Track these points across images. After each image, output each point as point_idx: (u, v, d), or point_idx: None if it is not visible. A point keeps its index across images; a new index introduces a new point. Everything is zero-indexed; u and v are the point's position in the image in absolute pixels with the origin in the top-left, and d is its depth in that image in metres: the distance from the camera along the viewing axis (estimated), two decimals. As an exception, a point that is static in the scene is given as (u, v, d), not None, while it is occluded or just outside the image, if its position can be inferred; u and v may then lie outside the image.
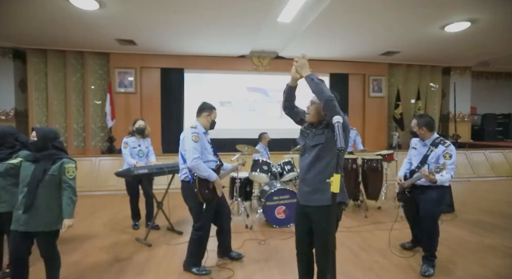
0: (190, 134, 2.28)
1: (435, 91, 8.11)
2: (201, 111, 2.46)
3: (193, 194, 2.28)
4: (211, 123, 2.48)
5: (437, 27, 4.95)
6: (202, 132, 2.37)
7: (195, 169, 2.24)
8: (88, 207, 4.42)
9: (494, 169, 6.74)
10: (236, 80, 7.08)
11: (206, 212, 2.32)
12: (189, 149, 2.24)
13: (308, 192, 1.75)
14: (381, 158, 4.23)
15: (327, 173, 1.65)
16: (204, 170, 2.25)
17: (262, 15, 4.42)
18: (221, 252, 2.68)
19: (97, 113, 6.58)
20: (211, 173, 2.30)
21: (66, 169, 1.84)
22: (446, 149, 2.35)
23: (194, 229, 2.36)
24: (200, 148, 2.28)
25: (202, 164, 2.25)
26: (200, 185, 2.28)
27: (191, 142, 2.25)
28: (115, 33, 5.21)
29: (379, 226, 3.50)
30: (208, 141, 2.45)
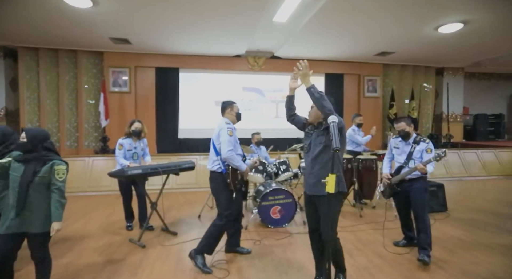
0: (226, 128, 2.47)
1: (428, 92, 8.20)
2: (224, 109, 2.65)
3: (224, 184, 2.46)
4: (237, 116, 2.66)
5: (431, 28, 5.01)
6: (234, 128, 2.57)
7: (229, 159, 2.43)
8: (82, 208, 4.37)
9: (485, 168, 6.85)
10: (232, 80, 7.07)
11: (236, 200, 2.51)
12: (225, 141, 2.43)
13: (314, 183, 2.02)
14: (376, 157, 4.26)
15: (327, 168, 1.86)
16: (237, 161, 2.46)
17: (257, 15, 4.41)
18: (230, 246, 2.74)
19: (91, 113, 6.51)
20: (242, 164, 2.51)
21: (56, 171, 1.81)
22: (427, 145, 2.69)
23: (222, 216, 2.46)
24: (234, 141, 2.48)
25: (235, 155, 2.44)
26: (233, 175, 2.48)
27: (226, 135, 2.44)
28: (109, 31, 5.15)
29: (373, 226, 3.52)
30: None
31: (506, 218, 3.84)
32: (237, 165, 2.47)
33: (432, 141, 2.80)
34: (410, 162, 2.70)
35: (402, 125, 2.77)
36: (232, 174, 2.47)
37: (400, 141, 2.84)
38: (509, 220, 3.77)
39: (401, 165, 2.77)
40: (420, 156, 2.67)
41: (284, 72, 7.16)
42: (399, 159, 2.82)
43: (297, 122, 2.22)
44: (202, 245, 2.45)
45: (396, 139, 2.89)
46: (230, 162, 2.44)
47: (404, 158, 2.76)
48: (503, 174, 6.83)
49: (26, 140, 1.79)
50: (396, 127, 2.82)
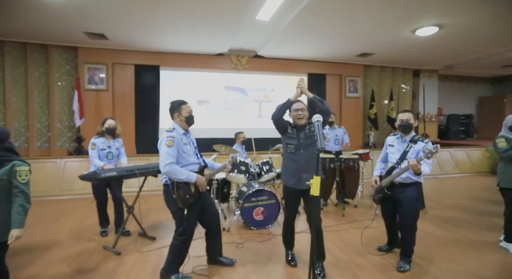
0: (165, 139, 2.18)
1: (406, 93, 8.50)
2: (172, 112, 2.34)
3: (173, 199, 2.19)
4: (187, 120, 2.30)
5: (408, 31, 5.17)
6: (180, 134, 2.26)
7: (169, 174, 2.15)
8: (51, 214, 4.08)
9: (458, 166, 7.19)
10: (214, 78, 6.94)
11: (188, 217, 2.23)
12: (162, 154, 2.16)
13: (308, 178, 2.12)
14: (357, 157, 4.32)
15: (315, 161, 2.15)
16: (180, 174, 2.16)
17: (241, 12, 4.34)
18: (211, 257, 2.54)
19: (64, 112, 6.14)
20: (189, 175, 2.19)
21: (18, 172, 1.65)
22: (426, 145, 2.40)
23: (177, 234, 2.25)
24: (175, 152, 2.17)
25: (176, 168, 2.15)
26: (179, 190, 2.18)
27: (164, 147, 2.16)
28: (83, 25, 4.87)
29: (355, 225, 3.56)
30: (190, 142, 2.32)
31: (477, 214, 4.03)
32: (182, 178, 2.15)
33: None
34: (403, 162, 2.42)
35: (408, 115, 2.48)
36: (178, 189, 2.16)
37: (397, 138, 2.57)
38: (480, 215, 3.96)
39: (393, 165, 2.52)
40: (416, 156, 2.38)
41: (267, 71, 7.15)
42: (392, 158, 2.56)
43: (282, 123, 2.37)
44: (168, 265, 2.26)
45: (394, 136, 2.63)
46: (171, 176, 2.15)
47: (398, 157, 2.49)
48: (473, 172, 7.21)
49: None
50: (400, 116, 2.52)
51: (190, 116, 2.32)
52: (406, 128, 2.48)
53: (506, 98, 9.77)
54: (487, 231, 3.34)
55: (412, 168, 2.23)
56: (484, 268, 2.49)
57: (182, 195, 2.17)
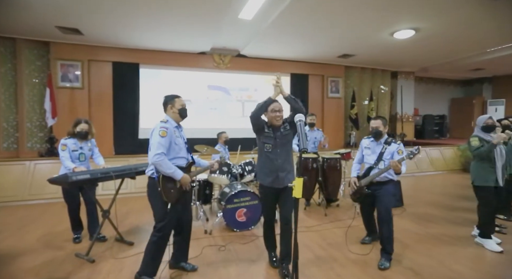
0: (159, 128, 2.14)
1: (385, 93, 8.78)
2: (165, 106, 2.31)
3: (158, 192, 2.11)
4: (180, 112, 2.29)
5: (387, 33, 5.33)
6: (173, 127, 2.23)
7: (157, 165, 2.09)
8: (18, 220, 3.80)
9: (433, 164, 7.53)
10: (197, 77, 6.81)
11: (170, 212, 2.16)
12: (154, 143, 2.10)
13: (285, 176, 2.34)
14: (339, 156, 4.39)
15: (290, 159, 2.42)
16: (167, 167, 2.10)
17: (223, 11, 4.27)
18: (175, 261, 2.45)
19: (35, 111, 5.77)
20: (175, 171, 2.14)
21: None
22: (399, 146, 2.69)
23: (155, 230, 2.17)
24: (167, 143, 2.13)
25: (165, 161, 2.09)
26: (165, 183, 2.12)
27: (157, 137, 2.11)
28: (55, 19, 4.58)
29: (338, 224, 3.61)
30: (182, 136, 2.32)
31: (451, 210, 4.23)
32: (168, 172, 2.10)
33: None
34: (380, 163, 2.67)
35: (377, 123, 2.72)
36: (163, 182, 2.11)
37: (372, 141, 2.78)
38: (453, 211, 4.16)
39: (371, 166, 2.73)
40: (391, 157, 2.64)
41: (250, 71, 7.11)
42: (369, 159, 2.77)
43: (259, 123, 2.36)
44: (144, 267, 2.17)
45: (368, 139, 2.83)
46: (159, 168, 2.09)
47: (375, 159, 2.71)
48: (447, 169, 7.58)
49: None
50: (371, 123, 2.76)
51: (183, 109, 2.31)
52: (377, 135, 2.75)
53: (475, 100, 10.38)
54: (460, 226, 3.51)
55: (394, 168, 2.48)
56: (460, 263, 2.60)
57: (168, 188, 2.12)
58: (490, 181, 2.84)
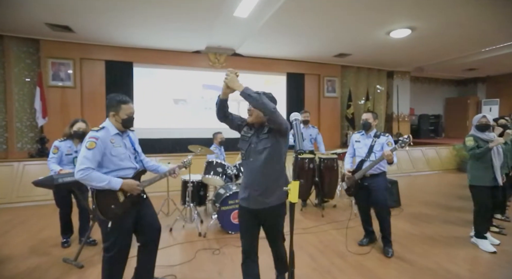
0: (87, 139, 1.83)
1: (381, 93, 8.78)
2: (107, 109, 1.95)
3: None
4: (123, 122, 1.94)
5: (383, 32, 5.30)
6: (112, 135, 1.90)
7: (85, 181, 1.79)
8: (3, 224, 3.66)
9: (429, 164, 7.54)
10: (191, 77, 6.71)
11: (113, 231, 1.86)
12: (80, 156, 1.81)
13: (260, 195, 1.79)
14: (336, 156, 4.34)
15: (274, 176, 1.81)
16: (98, 180, 1.79)
17: (218, 8, 4.19)
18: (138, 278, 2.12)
19: (25, 110, 5.62)
20: (110, 181, 1.82)
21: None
22: (387, 138, 2.83)
23: (103, 250, 1.91)
24: (96, 156, 1.81)
25: (91, 174, 1.78)
26: (101, 199, 1.83)
27: (84, 149, 1.81)
28: (44, 16, 4.45)
29: (335, 225, 3.56)
30: (124, 144, 1.97)
31: (447, 210, 4.21)
32: (101, 185, 1.79)
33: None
34: (371, 155, 2.79)
35: (367, 116, 2.90)
36: (98, 198, 1.83)
37: (362, 135, 2.93)
38: (449, 211, 4.14)
39: (362, 159, 2.84)
40: (381, 149, 2.76)
41: (246, 70, 7.03)
42: (360, 152, 2.90)
43: (230, 123, 1.90)
44: None
45: (358, 133, 2.98)
46: (89, 184, 1.80)
47: (366, 151, 2.83)
48: (442, 169, 7.60)
49: None
50: (363, 116, 2.93)
51: (128, 119, 1.95)
52: (364, 126, 2.90)
53: (470, 100, 10.45)
54: (456, 226, 3.49)
55: (387, 158, 2.55)
56: (456, 264, 2.56)
57: (104, 204, 1.83)
58: (487, 181, 2.81)
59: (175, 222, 3.50)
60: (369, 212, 2.97)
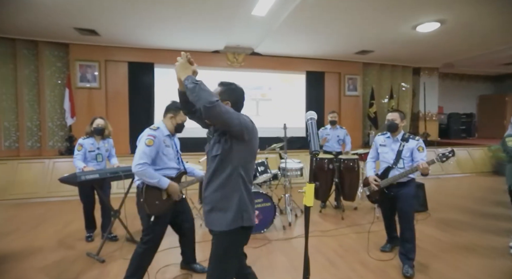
0: (146, 136, 2.03)
1: (406, 91, 8.35)
2: (166, 111, 2.20)
3: (141, 203, 2.01)
4: (177, 127, 2.20)
5: (409, 27, 5.01)
6: (164, 135, 2.12)
7: (140, 175, 1.99)
8: (35, 217, 3.90)
9: (460, 166, 7.05)
10: (210, 76, 6.72)
11: (154, 225, 2.03)
12: (138, 152, 2.00)
13: (208, 211, 1.49)
14: (357, 157, 4.17)
15: (227, 189, 1.44)
16: (151, 177, 1.98)
17: (236, 7, 4.17)
18: (184, 262, 2.46)
19: (55, 110, 5.96)
20: (161, 179, 2.01)
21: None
22: (418, 142, 2.43)
23: (141, 242, 2.07)
24: (152, 152, 2.02)
25: (147, 170, 1.97)
26: (149, 194, 2.00)
27: (142, 146, 2.01)
28: (73, 21, 4.68)
29: (356, 229, 3.41)
30: (172, 145, 2.19)
31: (482, 217, 3.88)
32: (152, 182, 1.97)
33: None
34: (400, 162, 2.44)
35: (393, 116, 2.51)
36: (147, 194, 1.99)
37: (388, 137, 2.58)
38: (485, 218, 3.81)
39: (389, 166, 2.50)
40: (410, 155, 2.43)
41: (265, 69, 6.98)
42: (386, 157, 2.55)
43: (198, 119, 1.65)
44: (127, 273, 2.06)
45: (383, 136, 2.64)
46: (142, 178, 1.98)
47: (393, 157, 2.48)
48: (475, 172, 7.07)
49: None
50: (388, 116, 2.57)
51: (182, 125, 2.23)
52: (390, 128, 2.53)
53: (508, 97, 9.63)
54: (493, 236, 3.19)
55: (424, 171, 2.24)
56: (491, 277, 2.34)
57: (151, 200, 2.00)
58: (529, 185, 2.54)
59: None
60: (393, 218, 2.75)
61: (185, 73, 1.43)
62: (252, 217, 1.48)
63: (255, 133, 1.51)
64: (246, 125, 1.42)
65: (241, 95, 1.57)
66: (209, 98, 1.30)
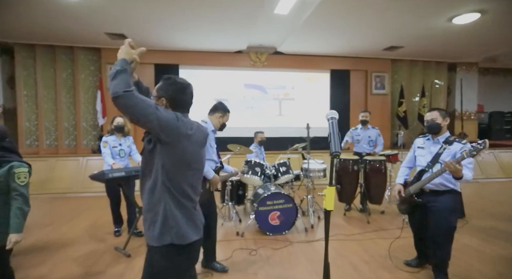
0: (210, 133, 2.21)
1: (440, 88, 7.79)
2: (215, 110, 2.42)
3: None
4: (222, 125, 2.45)
5: (444, 19, 4.65)
6: (210, 130, 2.32)
7: None
8: (71, 211, 4.18)
9: (503, 169, 6.43)
10: (233, 76, 6.82)
11: None
12: None
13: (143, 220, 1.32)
14: (384, 158, 3.95)
15: (153, 199, 1.24)
16: None
17: (258, 6, 4.14)
18: (204, 261, 2.49)
19: (89, 111, 6.36)
20: (208, 170, 2.20)
21: (17, 174, 1.59)
22: (464, 146, 2.06)
23: None
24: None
25: None
26: None
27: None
28: (103, 26, 4.95)
29: (382, 234, 3.22)
30: (214, 139, 2.41)
31: (529, 226, 3.50)
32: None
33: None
34: (436, 166, 2.11)
35: (433, 114, 2.17)
36: None
37: (427, 139, 2.26)
38: (532, 228, 3.43)
39: (422, 169, 2.20)
40: (452, 159, 2.04)
41: (288, 68, 6.89)
42: (421, 160, 2.25)
43: None
44: None
45: (423, 138, 2.32)
46: None
47: (429, 160, 2.17)
48: (521, 176, 6.41)
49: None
50: (426, 116, 2.24)
51: (225, 125, 2.48)
52: (431, 129, 2.20)
53: (561, 94, 8.63)
54: (543, 248, 2.85)
55: (449, 169, 1.89)
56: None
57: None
58: None
59: (214, 219, 3.56)
60: (423, 233, 2.38)
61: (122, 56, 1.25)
62: (186, 235, 1.24)
63: (187, 138, 1.25)
64: (167, 124, 1.18)
65: (180, 92, 1.33)
66: (118, 88, 1.13)
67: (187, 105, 1.36)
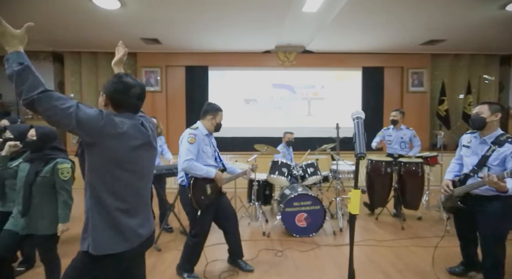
0: (187, 135, 2.21)
1: (489, 84, 7.04)
2: (205, 113, 2.38)
3: (188, 199, 2.17)
4: (217, 126, 2.39)
5: (495, 7, 4.19)
6: (203, 134, 2.29)
7: (188, 170, 2.17)
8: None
9: None
10: (261, 77, 6.82)
11: (201, 219, 2.22)
12: (183, 150, 2.19)
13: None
14: (421, 160, 3.67)
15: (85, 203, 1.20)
16: (199, 169, 2.17)
17: (286, 5, 4.10)
18: (231, 258, 2.53)
19: (126, 113, 6.79)
20: (208, 170, 2.21)
21: (60, 170, 1.74)
22: None
23: (190, 235, 2.29)
24: (195, 150, 2.20)
25: (195, 164, 2.16)
26: (196, 190, 2.18)
27: (186, 144, 2.19)
28: (139, 32, 5.26)
29: (418, 242, 2.99)
30: (211, 144, 2.38)
31: None
32: (200, 173, 2.17)
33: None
34: (483, 170, 1.91)
35: (480, 108, 1.96)
36: (194, 189, 2.16)
37: (474, 137, 2.04)
38: None
39: (467, 173, 2.02)
40: (502, 163, 1.85)
41: (317, 67, 6.73)
42: (466, 162, 2.06)
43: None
44: (182, 263, 2.33)
45: (470, 134, 2.10)
46: (190, 172, 2.16)
47: (474, 163, 1.97)
48: None
49: (36, 137, 1.75)
50: (474, 110, 2.04)
51: (220, 125, 2.41)
52: (474, 123, 1.99)
53: None
54: None
55: (490, 185, 1.72)
56: None
57: (197, 195, 2.16)
58: None
59: (241, 219, 3.58)
60: (469, 237, 2.21)
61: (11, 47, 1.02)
62: (102, 245, 1.15)
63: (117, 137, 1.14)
64: (87, 123, 1.06)
65: (120, 91, 1.22)
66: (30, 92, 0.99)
67: (129, 106, 1.25)
